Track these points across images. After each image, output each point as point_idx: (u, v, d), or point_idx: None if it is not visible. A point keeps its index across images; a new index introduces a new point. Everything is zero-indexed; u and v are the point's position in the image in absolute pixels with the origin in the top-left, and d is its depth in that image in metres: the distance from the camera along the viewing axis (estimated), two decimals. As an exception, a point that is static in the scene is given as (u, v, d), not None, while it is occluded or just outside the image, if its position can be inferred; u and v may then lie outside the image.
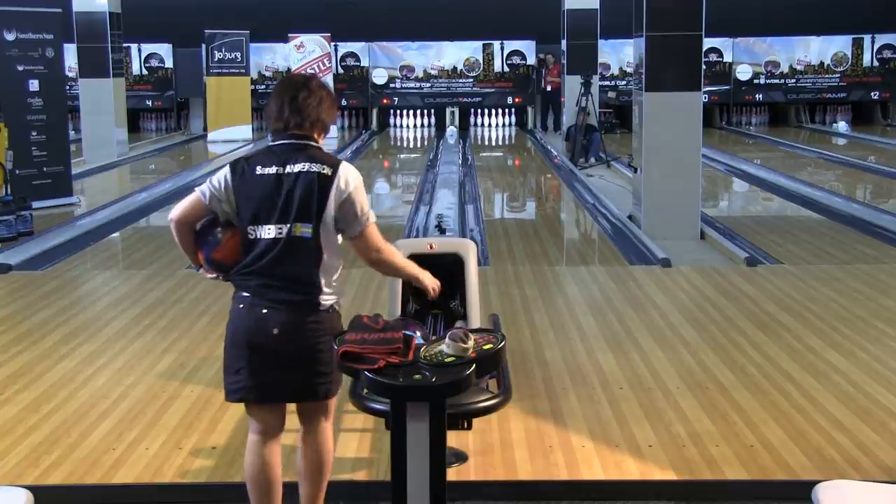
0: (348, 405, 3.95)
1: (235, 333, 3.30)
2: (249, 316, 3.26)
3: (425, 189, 12.34)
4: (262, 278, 3.25)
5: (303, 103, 3.32)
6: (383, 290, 6.10)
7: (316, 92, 3.38)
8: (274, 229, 3.24)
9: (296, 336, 3.24)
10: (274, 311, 3.24)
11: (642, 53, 8.80)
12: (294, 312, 3.25)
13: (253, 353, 3.25)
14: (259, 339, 3.24)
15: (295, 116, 3.32)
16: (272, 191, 3.25)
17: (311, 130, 3.35)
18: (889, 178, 13.22)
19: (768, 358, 5.34)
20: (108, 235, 9.59)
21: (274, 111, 3.35)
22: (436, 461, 3.12)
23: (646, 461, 4.06)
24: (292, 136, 3.33)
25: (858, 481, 3.55)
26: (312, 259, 3.27)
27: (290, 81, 3.46)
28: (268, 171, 3.27)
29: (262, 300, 3.25)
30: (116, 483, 3.94)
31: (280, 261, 3.24)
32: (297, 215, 3.23)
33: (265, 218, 3.25)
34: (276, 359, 3.25)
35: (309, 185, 3.24)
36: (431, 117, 20.97)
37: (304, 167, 3.26)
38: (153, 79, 20.99)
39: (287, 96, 3.33)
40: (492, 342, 3.33)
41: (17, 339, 5.88)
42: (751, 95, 20.77)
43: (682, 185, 8.85)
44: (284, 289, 3.25)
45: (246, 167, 3.30)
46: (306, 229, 3.24)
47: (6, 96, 10.58)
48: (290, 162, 3.27)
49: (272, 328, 3.23)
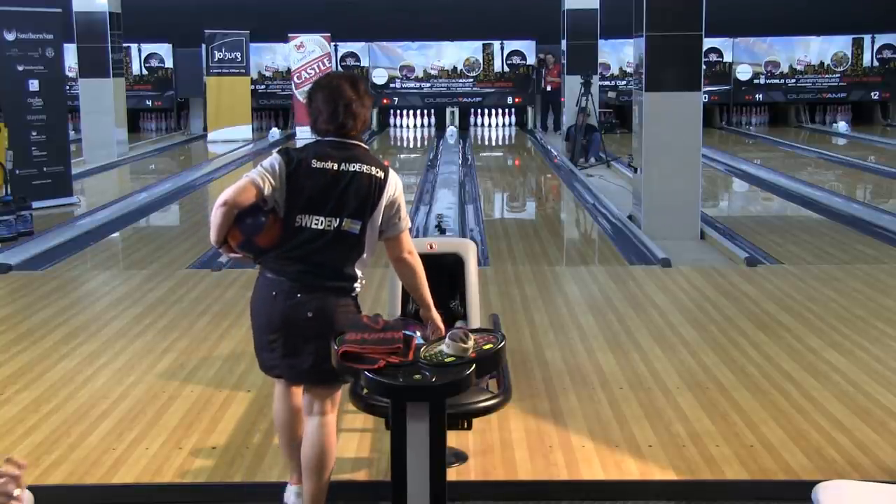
0: (348, 405, 3.95)
1: (270, 316, 3.45)
2: (286, 300, 3.41)
3: (425, 189, 12.35)
4: (303, 265, 3.42)
5: (357, 109, 3.51)
6: (383, 290, 6.10)
7: (364, 97, 3.56)
8: (324, 221, 3.41)
9: (327, 320, 3.40)
10: (310, 296, 3.41)
11: (642, 53, 8.80)
12: (328, 299, 3.43)
13: (288, 335, 3.43)
14: (293, 321, 3.41)
15: (349, 120, 3.50)
16: (328, 185, 3.42)
17: (360, 132, 3.56)
18: (889, 178, 13.22)
19: (768, 358, 5.34)
20: (108, 235, 9.59)
21: (327, 114, 3.50)
22: (436, 461, 3.12)
23: (646, 461, 4.06)
24: (345, 135, 3.51)
25: (858, 481, 3.55)
26: (355, 253, 3.46)
27: (341, 85, 3.56)
28: (325, 166, 3.44)
29: (299, 285, 3.41)
30: (116, 483, 3.93)
31: (324, 251, 3.41)
32: (350, 212, 3.42)
33: (317, 209, 3.41)
34: (306, 341, 3.41)
35: (364, 185, 3.44)
36: (431, 117, 20.97)
37: (361, 168, 3.46)
38: (153, 79, 20.99)
39: (342, 101, 3.48)
40: (492, 342, 3.33)
41: (17, 339, 5.88)
42: (751, 95, 20.77)
43: (682, 185, 8.85)
44: (323, 276, 3.43)
45: (300, 158, 3.45)
46: (356, 225, 3.43)
47: (6, 96, 10.58)
48: (346, 161, 3.45)
49: (307, 311, 3.40)
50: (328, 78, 3.62)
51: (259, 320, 3.52)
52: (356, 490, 3.90)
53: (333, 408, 3.55)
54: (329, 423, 3.52)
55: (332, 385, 3.52)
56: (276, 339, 3.45)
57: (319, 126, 3.53)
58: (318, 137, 3.56)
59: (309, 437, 3.52)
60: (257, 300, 3.52)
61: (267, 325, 3.47)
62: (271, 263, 3.46)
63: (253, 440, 4.28)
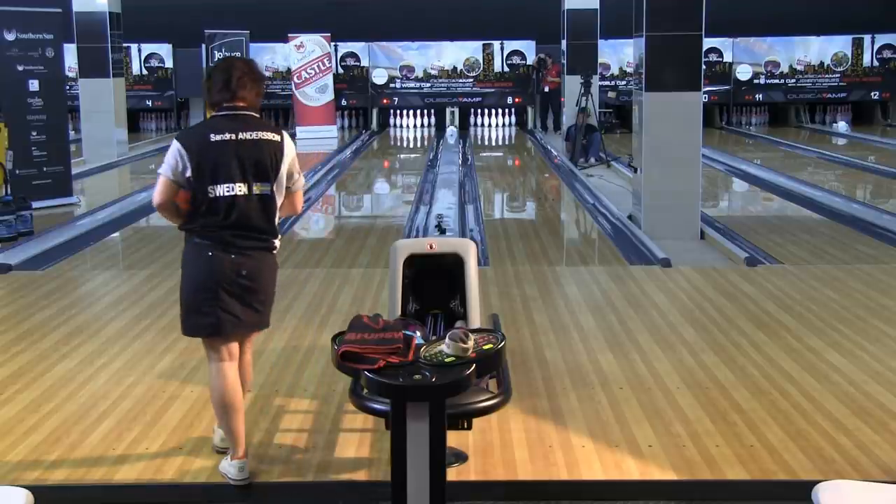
0: (348, 405, 3.95)
1: (206, 278, 3.81)
2: (220, 262, 3.79)
3: (425, 189, 12.34)
4: (227, 230, 3.79)
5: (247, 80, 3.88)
6: (383, 290, 6.11)
7: (256, 73, 3.95)
8: (235, 187, 3.78)
9: (258, 277, 3.86)
10: (241, 257, 3.81)
11: (642, 53, 8.80)
12: (254, 257, 3.84)
13: (224, 294, 3.80)
14: (229, 281, 3.79)
15: (240, 89, 3.86)
16: (231, 154, 3.78)
17: (252, 105, 3.90)
18: (889, 178, 13.22)
19: (768, 358, 5.34)
20: (108, 235, 9.60)
21: (221, 83, 3.86)
22: (436, 461, 3.12)
23: (646, 461, 4.06)
24: (236, 107, 3.86)
25: (858, 481, 3.55)
26: (270, 212, 3.87)
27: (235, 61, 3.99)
28: (223, 138, 3.79)
29: (230, 248, 3.79)
30: (116, 483, 3.94)
31: (246, 215, 3.80)
32: (257, 176, 3.81)
33: (226, 178, 3.77)
34: (242, 297, 3.83)
35: (265, 150, 3.83)
36: (431, 117, 20.96)
37: (258, 135, 3.83)
38: (153, 79, 20.99)
39: (235, 72, 3.86)
40: (492, 342, 3.33)
41: (17, 339, 5.88)
42: (751, 95, 20.77)
43: (682, 185, 8.85)
44: (249, 238, 3.83)
45: (197, 136, 3.86)
46: (266, 187, 3.83)
47: (6, 96, 10.58)
48: (241, 130, 3.81)
49: (241, 271, 3.81)
50: (225, 59, 4.00)
51: (194, 282, 3.84)
52: (356, 490, 3.90)
53: (251, 344, 4.14)
54: (250, 357, 4.15)
55: (259, 330, 4.04)
56: (212, 297, 3.79)
57: (214, 97, 3.89)
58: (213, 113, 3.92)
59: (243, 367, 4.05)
60: (189, 264, 3.87)
61: (203, 285, 3.81)
62: (198, 231, 3.82)
63: (253, 440, 4.28)
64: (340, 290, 6.95)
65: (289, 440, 4.31)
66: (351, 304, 6.58)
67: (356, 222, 11.25)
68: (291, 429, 4.45)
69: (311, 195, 12.14)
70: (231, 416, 3.88)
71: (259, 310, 3.90)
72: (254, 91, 3.89)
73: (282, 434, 4.38)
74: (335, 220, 11.47)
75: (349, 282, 7.18)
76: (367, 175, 14.90)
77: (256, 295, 3.86)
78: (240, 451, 3.89)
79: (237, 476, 3.86)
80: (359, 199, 13.01)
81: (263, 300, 3.91)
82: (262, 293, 3.88)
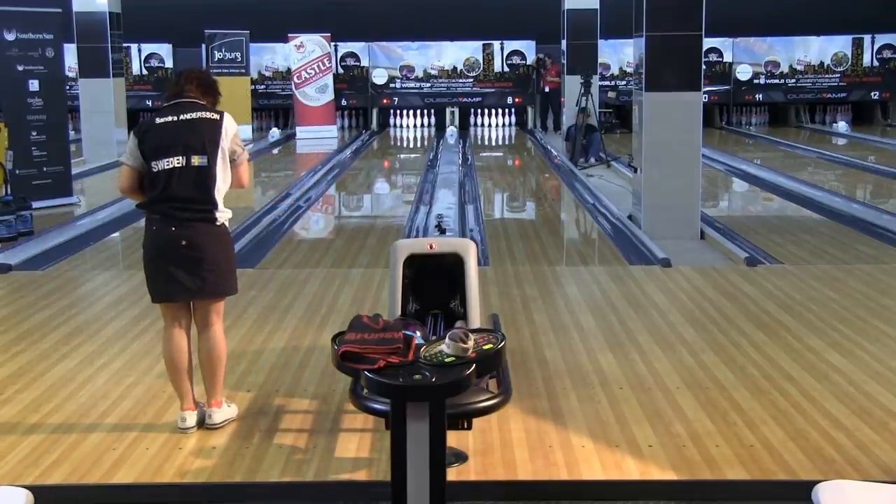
0: (348, 405, 3.95)
1: (154, 250, 4.27)
2: (162, 234, 4.21)
3: (425, 189, 12.34)
4: (170, 202, 4.19)
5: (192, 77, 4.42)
6: (383, 290, 6.11)
7: (208, 78, 4.52)
8: (173, 161, 4.18)
9: (201, 247, 4.21)
10: (182, 229, 4.19)
11: (642, 53, 8.80)
12: (196, 227, 4.20)
13: (168, 264, 4.20)
14: (171, 251, 4.19)
15: (187, 84, 4.37)
16: (171, 133, 4.21)
17: (202, 97, 4.37)
18: (889, 178, 13.22)
19: (768, 358, 5.34)
20: (108, 235, 9.59)
21: (173, 83, 4.47)
22: (436, 461, 3.12)
23: (646, 461, 4.06)
24: (184, 98, 4.34)
25: (858, 481, 3.55)
26: (209, 183, 4.21)
27: (192, 69, 4.59)
28: (166, 120, 4.26)
29: (171, 220, 4.19)
30: (116, 483, 3.94)
31: (182, 186, 4.18)
32: (195, 149, 4.20)
33: (166, 153, 4.18)
34: (185, 266, 4.20)
35: (203, 127, 4.24)
36: (431, 117, 20.96)
37: (197, 115, 4.28)
38: (153, 79, 20.98)
39: (185, 75, 4.43)
40: (492, 342, 3.34)
41: (17, 339, 5.88)
42: (751, 95, 20.77)
43: (682, 186, 8.85)
44: (187, 210, 4.19)
45: (147, 124, 4.31)
46: (203, 160, 4.20)
47: (6, 96, 10.58)
48: (183, 113, 4.28)
49: (181, 240, 4.18)
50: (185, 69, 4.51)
51: (146, 254, 4.30)
52: (356, 490, 3.90)
53: (219, 318, 4.39)
54: (219, 330, 4.38)
55: (217, 299, 4.34)
56: (163, 266, 4.21)
57: (167, 94, 4.48)
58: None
59: (206, 345, 4.35)
60: (146, 238, 4.31)
61: (155, 256, 4.25)
62: (149, 206, 4.25)
63: (253, 440, 4.28)
64: (340, 290, 6.95)
65: (289, 440, 4.31)
66: (351, 304, 6.58)
67: (356, 222, 11.25)
68: (291, 429, 4.45)
69: (312, 195, 12.14)
70: (177, 376, 4.35)
71: (206, 278, 4.23)
72: (200, 91, 4.38)
73: (282, 434, 4.38)
74: (335, 220, 11.47)
75: (349, 282, 7.18)
76: (367, 175, 14.90)
77: (201, 264, 4.21)
78: (184, 404, 4.37)
79: (179, 425, 4.34)
80: (359, 199, 13.01)
81: (212, 269, 4.24)
82: (206, 262, 4.22)
